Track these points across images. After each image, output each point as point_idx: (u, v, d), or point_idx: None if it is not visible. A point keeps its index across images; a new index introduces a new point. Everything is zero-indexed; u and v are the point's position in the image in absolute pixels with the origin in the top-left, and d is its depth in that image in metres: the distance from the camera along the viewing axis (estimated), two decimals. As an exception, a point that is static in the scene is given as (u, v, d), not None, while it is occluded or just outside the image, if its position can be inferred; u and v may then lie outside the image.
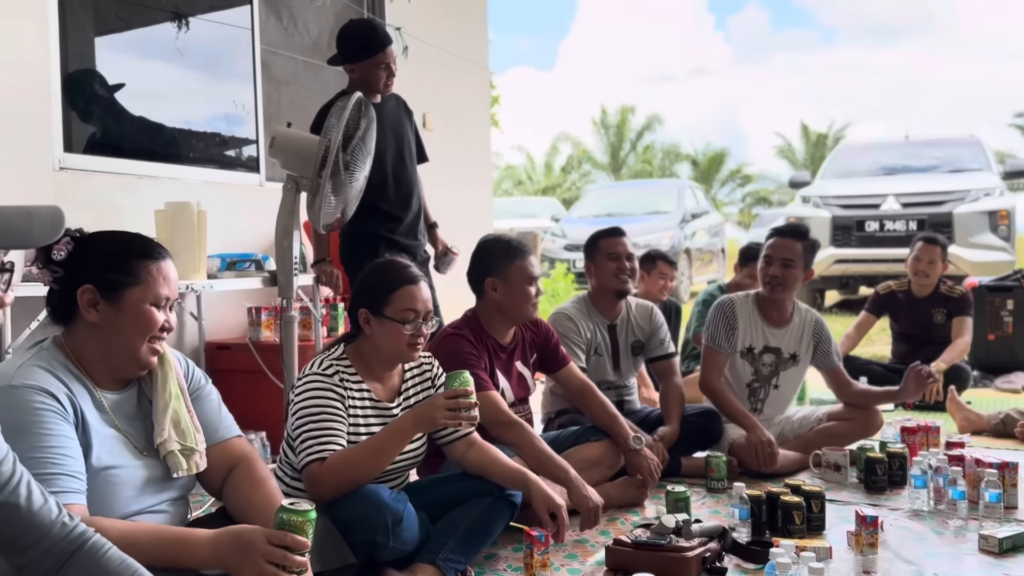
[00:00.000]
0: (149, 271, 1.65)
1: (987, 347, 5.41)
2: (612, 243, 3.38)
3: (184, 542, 1.53)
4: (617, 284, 3.35)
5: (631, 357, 3.47)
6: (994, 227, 7.78)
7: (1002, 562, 2.30)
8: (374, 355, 2.26)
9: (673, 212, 11.04)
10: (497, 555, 2.41)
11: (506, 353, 2.90)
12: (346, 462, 2.04)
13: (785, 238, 3.39)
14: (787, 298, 3.43)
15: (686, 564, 2.19)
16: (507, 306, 2.84)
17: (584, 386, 3.02)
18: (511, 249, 2.87)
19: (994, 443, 3.69)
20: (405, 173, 3.50)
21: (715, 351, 3.39)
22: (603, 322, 3.41)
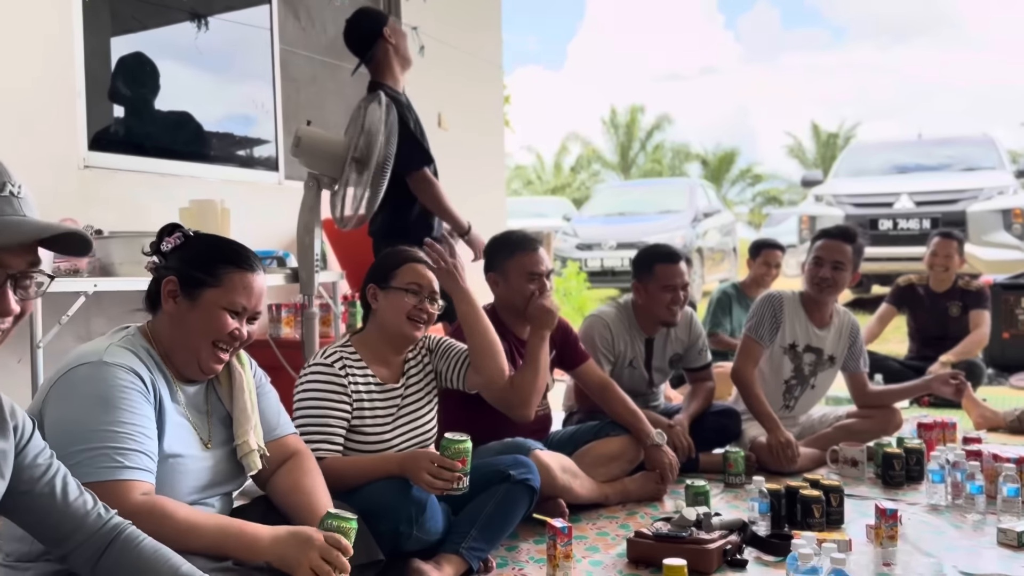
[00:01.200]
0: (231, 277, 1.70)
1: (1002, 345, 5.41)
2: (670, 272, 3.24)
3: (244, 533, 1.58)
4: (667, 316, 3.27)
5: (666, 369, 3.46)
6: (1008, 225, 7.77)
7: (1021, 555, 2.31)
8: (380, 335, 2.32)
9: (685, 211, 11.04)
10: (519, 547, 2.44)
11: (524, 348, 2.92)
12: (335, 473, 2.06)
13: (836, 240, 3.38)
14: (833, 299, 3.44)
15: (708, 556, 2.21)
16: (511, 303, 2.85)
17: (604, 383, 3.04)
18: (511, 244, 2.88)
19: (1010, 439, 3.70)
20: None
21: (755, 342, 3.38)
22: (641, 336, 3.36)
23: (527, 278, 2.81)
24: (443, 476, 2.02)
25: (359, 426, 2.23)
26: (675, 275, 3.25)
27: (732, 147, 27.74)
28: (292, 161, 4.37)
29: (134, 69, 3.88)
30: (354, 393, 2.22)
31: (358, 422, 2.22)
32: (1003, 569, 2.21)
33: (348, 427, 2.21)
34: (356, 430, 2.23)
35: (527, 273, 2.82)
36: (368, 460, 2.15)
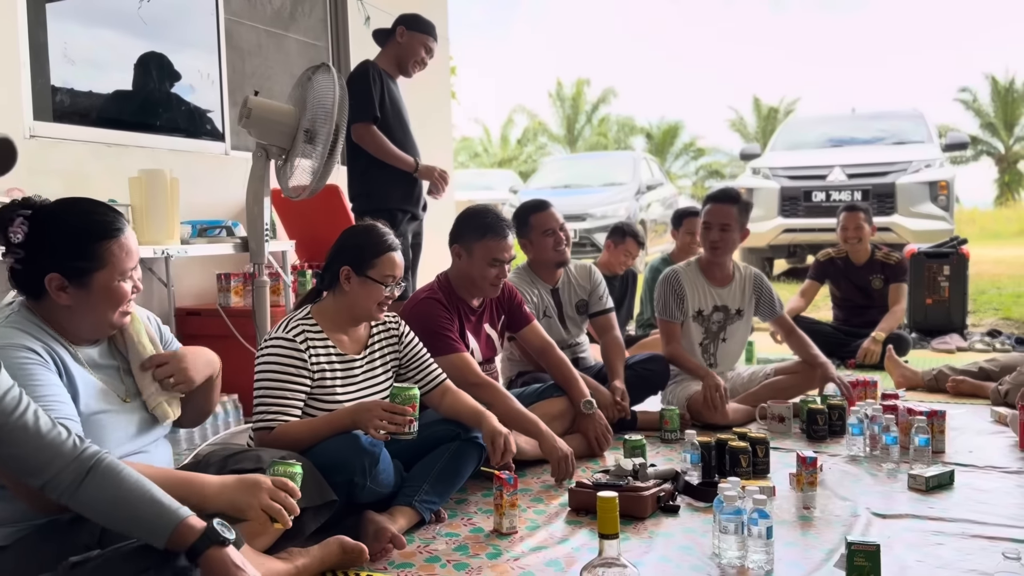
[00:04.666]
0: (112, 252, 1.69)
1: (925, 311, 5.71)
2: (544, 218, 3.49)
3: (192, 482, 1.67)
4: (557, 257, 3.51)
5: (577, 316, 3.66)
6: (934, 197, 8.11)
7: (927, 498, 2.53)
8: (343, 311, 2.40)
9: (629, 184, 11.23)
10: (468, 499, 2.58)
11: (475, 315, 3.06)
12: (290, 436, 2.18)
13: (720, 203, 3.60)
14: (727, 259, 3.66)
15: (643, 502, 2.38)
16: (468, 277, 2.99)
17: (546, 344, 3.20)
18: (483, 226, 2.98)
19: (927, 397, 3.95)
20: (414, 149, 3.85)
21: (669, 322, 3.61)
22: (546, 287, 3.58)
23: (490, 262, 2.95)
24: (394, 421, 2.14)
25: (319, 394, 2.32)
26: (549, 219, 3.48)
27: (676, 121, 28.12)
28: (238, 131, 4.38)
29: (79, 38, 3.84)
30: (315, 364, 2.31)
31: (319, 391, 2.31)
32: (911, 510, 2.41)
33: (308, 396, 2.30)
34: (316, 398, 2.32)
35: (492, 258, 2.95)
36: (320, 419, 2.25)
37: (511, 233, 3.03)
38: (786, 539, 2.20)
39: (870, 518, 2.36)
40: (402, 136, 3.84)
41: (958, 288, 5.67)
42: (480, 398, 2.75)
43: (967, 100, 24.68)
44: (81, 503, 1.47)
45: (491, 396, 2.76)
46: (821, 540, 2.20)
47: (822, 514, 2.41)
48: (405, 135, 3.85)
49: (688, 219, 5.11)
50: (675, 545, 2.19)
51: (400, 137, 3.82)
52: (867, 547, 1.77)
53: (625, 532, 2.27)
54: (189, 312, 3.99)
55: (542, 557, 2.13)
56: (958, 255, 5.74)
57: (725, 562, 2.04)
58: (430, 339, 2.80)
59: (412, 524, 2.30)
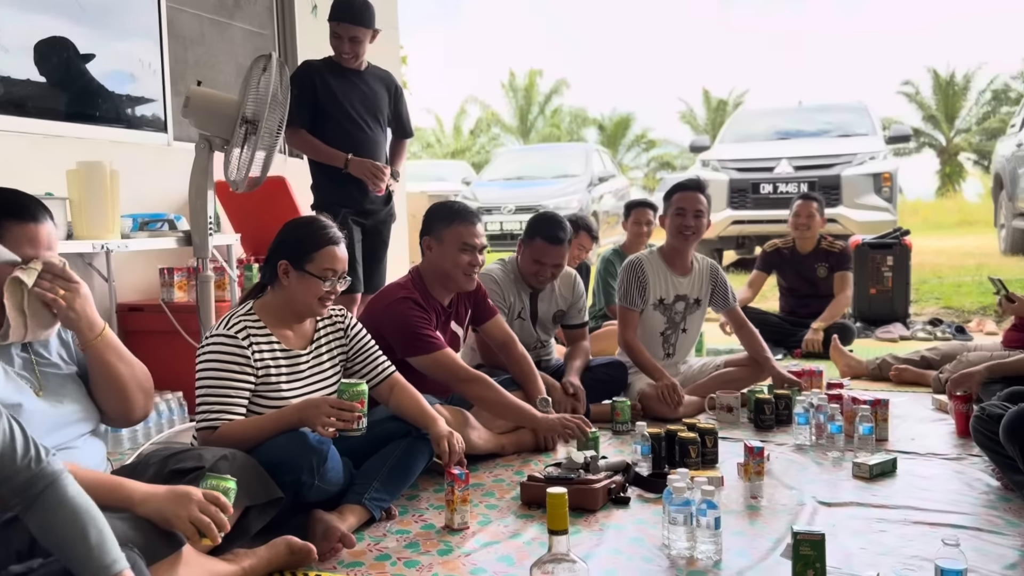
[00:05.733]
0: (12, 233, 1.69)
1: (869, 300, 5.84)
2: (544, 251, 3.39)
3: (119, 487, 1.64)
4: (534, 283, 3.51)
5: (550, 323, 3.65)
6: (878, 189, 8.28)
7: (871, 486, 2.59)
8: (285, 306, 2.35)
9: (581, 175, 11.26)
10: (420, 496, 2.56)
11: (446, 314, 3.03)
12: (235, 435, 2.13)
13: (693, 191, 3.64)
14: (693, 247, 3.71)
15: (594, 495, 2.39)
16: (441, 270, 2.95)
17: (508, 339, 3.19)
18: (452, 212, 2.97)
19: (871, 386, 4.04)
20: (366, 141, 3.74)
21: (629, 310, 3.62)
22: (527, 290, 3.56)
23: (461, 247, 2.92)
24: (342, 417, 2.11)
25: (264, 392, 2.26)
26: (547, 254, 3.40)
27: (628, 113, 28.32)
28: (181, 122, 4.27)
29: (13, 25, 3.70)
30: (258, 361, 2.25)
31: (263, 388, 2.26)
32: (855, 498, 2.46)
33: (252, 393, 2.25)
34: (261, 395, 2.26)
35: (463, 243, 2.93)
36: (267, 417, 2.20)
37: (480, 221, 3.01)
38: (734, 528, 2.22)
39: (816, 506, 2.40)
40: (353, 130, 3.72)
41: (901, 278, 5.81)
42: (473, 393, 2.77)
43: (910, 93, 25.29)
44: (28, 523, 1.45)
45: (481, 391, 2.79)
46: (768, 529, 2.23)
47: (769, 503, 2.44)
48: (357, 127, 3.73)
49: (637, 210, 5.14)
50: (626, 537, 2.20)
51: (349, 132, 3.70)
52: (812, 536, 1.80)
53: (576, 525, 2.28)
54: (131, 308, 3.88)
55: (493, 552, 2.12)
56: (901, 246, 5.87)
57: (675, 553, 2.06)
58: (410, 340, 2.78)
59: (362, 522, 2.27)
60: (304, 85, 3.64)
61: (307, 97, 3.65)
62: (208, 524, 1.61)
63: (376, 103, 3.82)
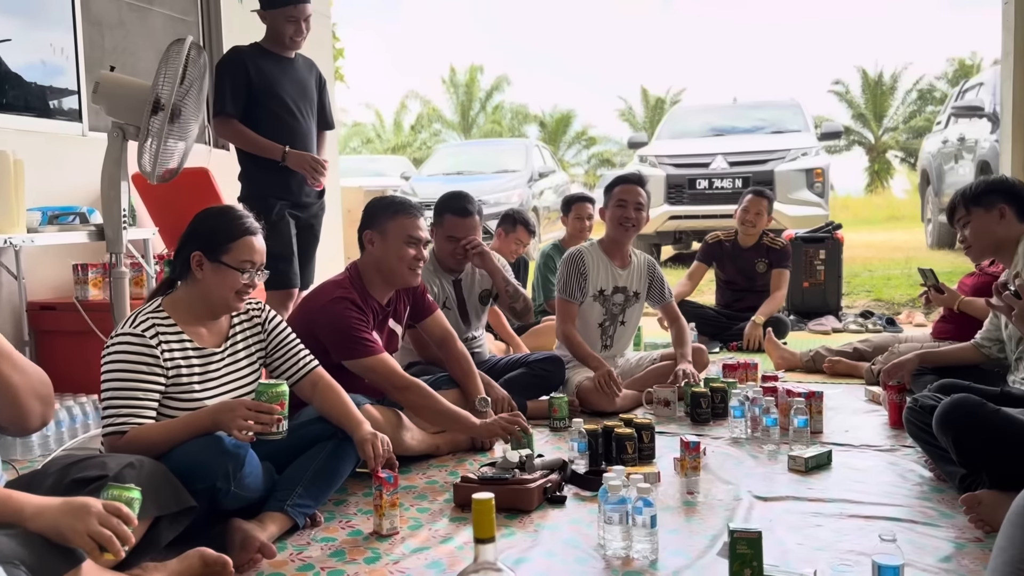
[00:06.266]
0: None
1: (802, 294, 5.91)
2: (455, 225, 3.38)
3: (7, 499, 1.50)
4: (451, 264, 3.45)
5: (479, 307, 3.58)
6: (810, 184, 8.43)
7: (807, 479, 2.57)
8: (199, 301, 2.22)
9: (521, 171, 11.21)
10: (347, 500, 2.45)
11: (384, 313, 2.92)
12: (144, 440, 1.99)
13: (634, 184, 3.63)
14: (632, 239, 3.70)
15: (529, 495, 2.31)
16: (382, 264, 2.83)
17: (447, 335, 3.10)
18: (394, 205, 2.86)
19: (806, 378, 4.06)
20: (300, 131, 3.60)
21: (568, 301, 3.58)
22: (448, 277, 3.50)
23: (407, 241, 2.81)
24: (260, 420, 1.99)
25: (176, 393, 2.12)
26: (458, 227, 3.38)
27: (568, 110, 28.39)
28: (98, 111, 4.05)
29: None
30: (168, 361, 2.11)
31: (175, 389, 2.12)
32: (791, 492, 2.45)
33: (162, 395, 2.11)
34: (172, 397, 2.12)
35: (408, 236, 2.82)
36: (178, 421, 2.06)
37: (422, 215, 2.92)
38: (670, 526, 2.18)
39: (752, 501, 2.37)
40: (288, 119, 3.55)
41: (833, 271, 5.90)
42: (408, 401, 2.67)
43: (840, 92, 25.91)
44: None
45: (419, 398, 2.69)
46: (705, 526, 2.20)
47: (705, 499, 2.41)
48: (292, 117, 3.57)
49: (577, 204, 5.10)
50: (560, 539, 2.13)
51: (284, 121, 3.54)
52: (749, 534, 1.76)
53: (510, 527, 2.20)
54: (43, 306, 3.67)
55: (423, 558, 2.03)
56: (833, 240, 5.96)
57: (610, 553, 2.00)
58: (346, 343, 2.66)
59: (284, 530, 2.15)
60: (236, 72, 3.47)
61: (240, 84, 3.47)
62: (109, 538, 1.48)
63: (307, 92, 3.68)
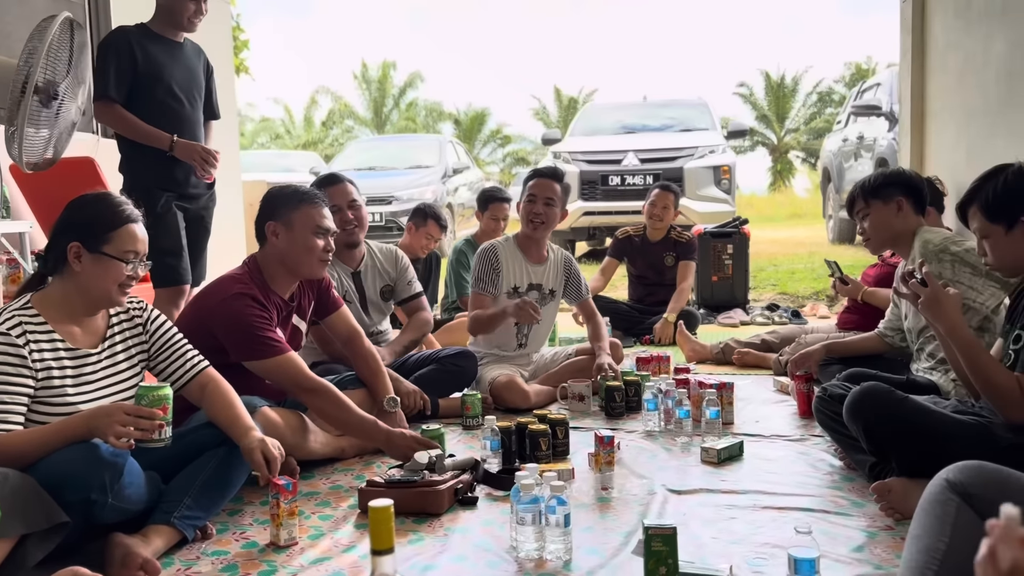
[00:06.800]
0: None
1: (712, 288, 6.00)
2: (330, 194, 3.27)
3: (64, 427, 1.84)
4: (343, 237, 3.31)
5: (381, 302, 3.45)
6: (718, 181, 8.61)
7: (719, 470, 2.56)
8: (75, 297, 2.03)
9: (435, 167, 11.07)
10: (243, 510, 2.29)
11: (288, 309, 2.75)
12: (11, 450, 1.80)
13: (547, 179, 3.53)
14: (547, 235, 3.60)
15: (438, 497, 2.21)
16: (289, 256, 2.66)
17: (353, 332, 2.96)
18: (299, 194, 2.70)
19: (716, 370, 4.10)
20: (189, 120, 3.40)
21: (482, 295, 3.49)
22: (347, 270, 3.38)
23: (315, 231, 2.66)
24: (141, 426, 1.82)
25: (46, 397, 1.93)
26: (335, 195, 3.27)
27: (483, 108, 28.36)
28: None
29: None
30: (38, 363, 1.91)
31: (45, 393, 1.92)
32: (705, 484, 2.42)
33: (31, 400, 1.91)
34: (42, 401, 1.92)
35: (316, 226, 2.67)
36: (49, 428, 1.87)
37: (327, 204, 2.76)
38: (584, 524, 2.11)
39: (666, 495, 2.34)
40: (176, 106, 3.35)
41: (740, 266, 6.01)
42: (315, 405, 2.50)
43: (745, 94, 26.73)
44: None
45: (327, 403, 2.53)
46: (619, 522, 2.14)
47: (620, 494, 2.36)
48: (180, 104, 3.37)
49: (495, 204, 5.02)
50: (471, 542, 2.03)
51: (172, 108, 3.33)
52: (664, 531, 1.70)
53: (419, 531, 2.10)
54: (-96, 308, 3.33)
55: (324, 569, 1.90)
56: (740, 235, 6.07)
57: (523, 555, 1.92)
58: (248, 342, 2.48)
59: (171, 544, 1.98)
60: (121, 54, 3.23)
61: (125, 68, 3.23)
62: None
63: (196, 79, 3.47)
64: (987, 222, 2.13)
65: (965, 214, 2.21)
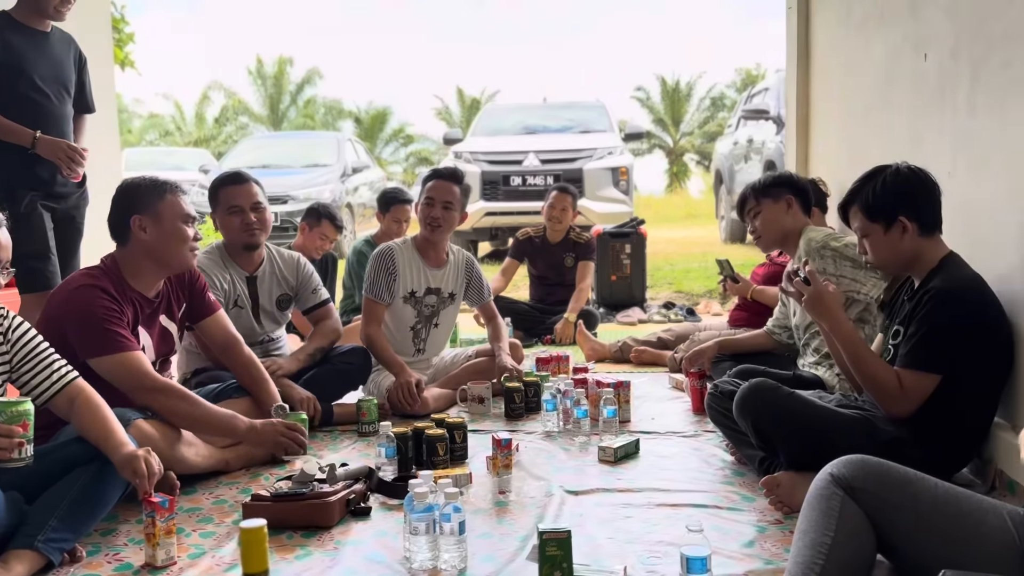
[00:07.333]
0: None
1: (610, 287, 6.08)
2: (234, 193, 3.16)
3: None
4: (244, 239, 3.16)
5: (277, 311, 3.31)
6: (616, 182, 8.74)
7: (616, 469, 2.57)
8: None
9: (334, 165, 10.84)
10: (117, 529, 2.14)
11: (151, 307, 2.58)
12: None
13: (445, 181, 3.45)
14: (445, 239, 3.53)
15: (329, 509, 2.12)
16: (159, 249, 2.51)
17: (230, 339, 2.81)
18: (159, 185, 2.55)
19: (615, 368, 4.14)
20: (54, 114, 3.18)
21: (375, 302, 3.38)
22: (242, 274, 3.22)
23: (183, 219, 2.53)
24: None
25: None
26: (238, 195, 3.15)
27: (385, 107, 28.01)
28: None
29: None
30: None
31: None
32: (601, 484, 2.43)
33: None
34: None
35: (183, 214, 2.53)
36: None
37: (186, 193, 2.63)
38: (480, 530, 2.07)
39: (563, 496, 2.33)
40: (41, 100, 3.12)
41: (638, 265, 6.10)
42: (163, 406, 2.33)
43: (642, 98, 27.37)
44: None
45: (176, 402, 2.38)
46: (516, 527, 2.11)
47: (517, 497, 2.33)
48: (45, 98, 3.14)
49: (396, 206, 4.94)
50: (363, 555, 1.96)
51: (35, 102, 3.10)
52: (558, 535, 1.68)
53: (307, 546, 2.01)
54: None
55: (203, 590, 1.79)
56: (638, 235, 6.17)
57: (416, 566, 1.86)
58: (93, 335, 2.32)
59: (35, 570, 1.84)
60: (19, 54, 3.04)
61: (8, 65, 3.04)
62: None
63: (64, 71, 3.24)
64: (867, 221, 2.21)
65: (847, 214, 2.29)
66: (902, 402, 2.08)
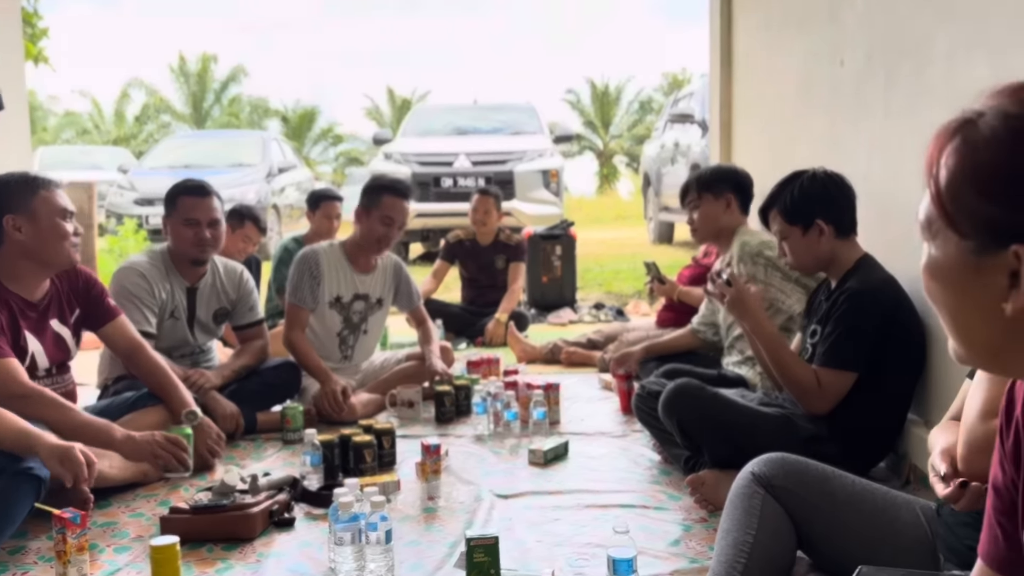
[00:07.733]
0: None
1: (542, 288, 6.09)
2: (193, 205, 3.02)
3: None
4: (194, 254, 3.05)
5: (211, 324, 3.20)
6: (547, 184, 8.79)
7: (546, 471, 2.57)
8: None
9: (258, 165, 10.61)
10: (26, 546, 2.04)
11: (37, 311, 2.45)
12: None
13: (403, 200, 3.39)
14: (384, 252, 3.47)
15: (250, 521, 2.06)
16: (38, 248, 2.39)
17: (134, 345, 2.69)
18: (31, 180, 2.43)
19: (546, 369, 4.15)
20: None
21: (298, 307, 3.29)
22: (183, 284, 3.09)
23: (61, 215, 2.40)
24: None
25: None
26: (197, 208, 3.02)
27: (313, 106, 27.55)
28: None
29: None
30: None
31: None
32: (531, 487, 2.42)
33: None
34: None
35: (60, 208, 2.41)
36: None
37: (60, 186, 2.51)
38: (408, 537, 2.05)
39: (493, 500, 2.31)
40: None
41: (568, 266, 6.14)
42: (30, 413, 2.20)
43: (572, 101, 27.61)
44: None
45: (43, 408, 2.25)
46: (444, 533, 2.09)
47: (447, 503, 2.31)
48: None
49: (327, 203, 4.86)
50: (286, 566, 1.91)
51: None
52: (486, 541, 1.67)
53: (228, 559, 1.95)
54: None
55: (117, 610, 1.72)
56: (568, 236, 6.21)
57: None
58: None
59: (-69, 596, 1.73)
60: None
61: None
62: None
63: None
64: (786, 224, 2.26)
65: (767, 217, 2.34)
66: (820, 400, 2.14)
